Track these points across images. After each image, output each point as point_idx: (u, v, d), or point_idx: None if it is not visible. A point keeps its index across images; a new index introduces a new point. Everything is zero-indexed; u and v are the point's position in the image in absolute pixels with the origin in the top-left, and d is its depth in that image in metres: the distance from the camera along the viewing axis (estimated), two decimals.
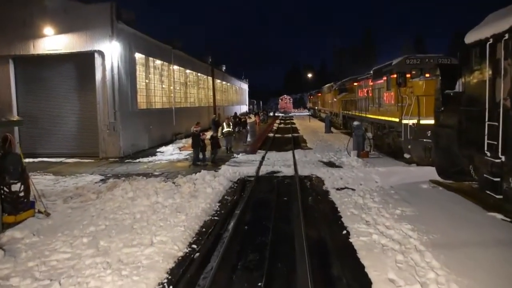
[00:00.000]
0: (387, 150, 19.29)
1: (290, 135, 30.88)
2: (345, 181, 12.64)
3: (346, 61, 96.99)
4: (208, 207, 9.72)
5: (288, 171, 14.62)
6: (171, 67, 28.60)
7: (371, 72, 22.96)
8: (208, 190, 11.21)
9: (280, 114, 78.04)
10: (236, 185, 12.60)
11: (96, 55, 19.48)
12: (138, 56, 22.81)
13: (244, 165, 15.93)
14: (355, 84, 28.46)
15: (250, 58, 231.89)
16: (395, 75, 17.08)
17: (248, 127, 28.93)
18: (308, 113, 75.75)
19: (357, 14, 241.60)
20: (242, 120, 30.87)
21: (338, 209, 9.45)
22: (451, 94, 11.15)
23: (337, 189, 11.60)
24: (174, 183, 11.80)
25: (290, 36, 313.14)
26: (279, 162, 16.62)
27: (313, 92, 70.13)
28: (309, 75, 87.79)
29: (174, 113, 28.41)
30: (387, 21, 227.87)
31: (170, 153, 20.46)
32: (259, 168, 15.11)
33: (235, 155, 18.81)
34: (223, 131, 19.13)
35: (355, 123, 18.07)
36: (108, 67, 19.44)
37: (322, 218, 8.93)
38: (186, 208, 9.49)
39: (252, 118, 42.32)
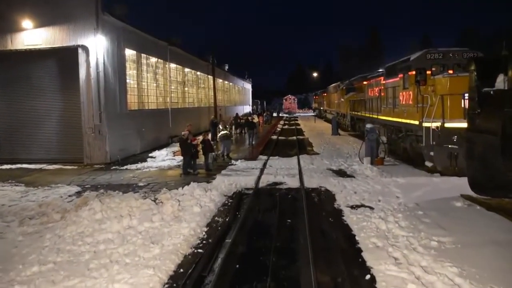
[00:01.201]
0: (403, 156, 17.28)
1: (294, 137, 28.89)
2: (360, 196, 10.64)
3: (352, 61, 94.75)
4: (192, 233, 7.76)
5: (293, 182, 12.63)
6: (167, 65, 26.69)
7: (383, 69, 21.00)
8: (195, 209, 9.25)
9: (285, 115, 76.06)
10: (230, 201, 10.63)
11: (79, 50, 17.59)
12: (129, 52, 20.91)
13: (243, 174, 13.96)
14: (365, 83, 26.47)
15: (254, 58, 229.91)
16: (413, 72, 15.06)
17: (255, 128, 26.28)
18: (313, 114, 73.76)
19: (363, 14, 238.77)
20: (250, 120, 28.56)
21: (356, 237, 7.46)
22: (491, 92, 9.14)
23: (352, 207, 9.62)
24: (155, 200, 9.84)
25: (295, 36, 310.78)
26: (282, 171, 14.64)
27: (318, 92, 68.01)
28: (314, 74, 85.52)
29: (170, 114, 26.49)
30: (393, 21, 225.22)
31: (162, 158, 18.53)
32: (259, 178, 13.14)
33: (233, 161, 16.85)
34: (220, 135, 17.18)
35: (368, 125, 16.05)
36: (92, 64, 17.55)
37: (337, 253, 6.92)
38: (163, 236, 7.54)
39: (255, 119, 40.35)
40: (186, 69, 32.67)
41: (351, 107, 31.05)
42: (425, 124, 13.71)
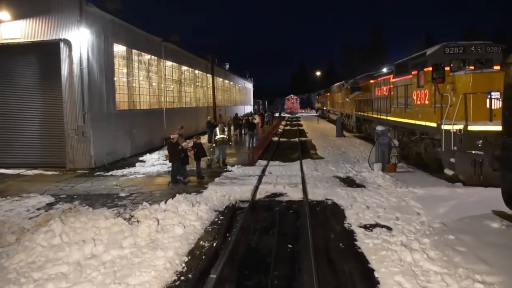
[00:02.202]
0: (416, 161, 15.67)
1: (297, 139, 27.29)
2: (374, 211, 9.04)
3: (355, 60, 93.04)
4: (168, 266, 6.18)
5: (295, 194, 11.03)
6: (161, 62, 25.13)
7: (393, 67, 19.39)
8: (177, 230, 7.68)
9: (287, 115, 74.47)
10: (221, 217, 9.04)
11: (61, 44, 16.04)
12: (119, 48, 19.36)
13: (238, 183, 12.37)
14: (372, 81, 24.86)
15: (256, 58, 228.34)
16: (430, 68, 13.48)
17: (255, 130, 25.00)
18: (315, 114, 72.14)
19: (366, 14, 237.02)
20: (250, 121, 27.13)
21: (376, 274, 5.87)
22: None
23: (366, 227, 8.03)
24: (130, 218, 8.26)
25: (297, 36, 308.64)
26: (283, 179, 13.03)
27: (321, 92, 66.37)
28: (318, 73, 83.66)
29: (165, 115, 24.93)
30: (395, 20, 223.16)
31: (152, 163, 16.96)
32: (256, 188, 11.55)
33: (229, 167, 15.24)
34: (216, 139, 15.59)
35: (379, 128, 14.43)
36: (76, 59, 16.00)
37: None
38: (132, 270, 5.97)
39: (256, 119, 38.83)
40: (184, 67, 31.11)
41: (356, 107, 29.46)
42: (445, 127, 12.11)
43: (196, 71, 35.00)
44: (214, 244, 7.27)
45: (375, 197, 10.35)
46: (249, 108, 70.92)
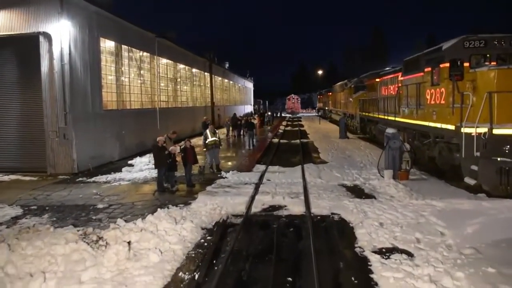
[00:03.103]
0: (428, 166, 14.28)
1: (298, 141, 25.87)
2: (390, 231, 7.65)
3: (356, 60, 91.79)
4: None
5: (296, 206, 9.61)
6: (155, 60, 23.74)
7: (402, 64, 17.99)
8: (152, 256, 6.30)
9: (287, 115, 73.10)
10: (208, 237, 7.65)
11: (41, 38, 14.67)
12: (106, 43, 17.99)
13: (232, 193, 10.97)
14: (377, 80, 23.46)
15: (257, 58, 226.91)
16: (447, 64, 12.08)
17: (254, 129, 24.23)
18: (316, 114, 70.74)
19: (367, 14, 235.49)
20: (249, 121, 25.98)
21: None
22: None
23: (382, 253, 6.64)
24: (97, 240, 6.86)
25: (298, 36, 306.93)
26: (282, 187, 11.62)
27: (322, 91, 64.87)
28: (319, 72, 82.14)
29: (158, 115, 23.56)
30: (397, 20, 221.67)
31: (141, 168, 15.56)
32: (252, 199, 10.15)
33: (223, 173, 13.83)
34: (207, 142, 14.18)
35: (390, 130, 13.02)
36: (56, 55, 14.63)
37: None
38: None
39: (256, 120, 37.51)
40: (180, 65, 29.74)
41: (360, 107, 28.03)
42: (466, 130, 10.71)
43: (194, 70, 33.62)
44: (196, 277, 5.88)
45: (389, 211, 8.96)
46: (249, 108, 69.55)
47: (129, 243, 6.62)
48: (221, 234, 7.77)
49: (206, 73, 36.93)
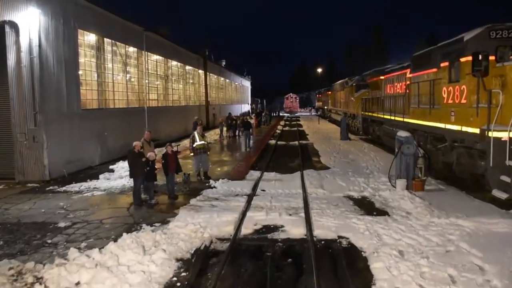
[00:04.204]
0: (442, 174, 12.67)
1: (296, 142, 24.24)
2: (414, 264, 6.01)
3: (357, 58, 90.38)
4: None
5: (295, 227, 7.95)
6: (143, 55, 22.06)
7: (410, 60, 16.38)
8: None
9: (286, 114, 71.49)
10: (183, 274, 5.98)
11: (7, 28, 12.99)
12: (86, 35, 16.31)
13: (219, 207, 9.32)
14: (382, 77, 21.84)
15: (255, 56, 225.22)
16: (469, 58, 10.42)
17: (251, 129, 22.97)
18: (315, 113, 69.14)
19: (367, 13, 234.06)
20: (246, 120, 24.52)
21: None
22: None
23: None
24: (32, 284, 5.20)
25: (297, 35, 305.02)
26: (279, 200, 9.97)
27: (322, 90, 63.22)
28: (319, 70, 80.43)
29: (146, 114, 21.90)
30: (395, 20, 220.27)
31: (121, 174, 13.86)
32: (243, 216, 8.51)
33: (211, 182, 12.18)
34: (194, 146, 12.53)
35: (402, 134, 11.38)
36: (24, 47, 12.95)
37: None
38: None
39: (252, 119, 35.87)
40: (173, 62, 28.08)
41: (363, 107, 26.43)
42: (495, 134, 9.11)
43: (187, 67, 31.95)
44: None
45: (408, 234, 7.34)
46: (246, 107, 67.89)
47: (77, 284, 4.96)
48: (200, 268, 6.12)
49: (200, 71, 35.27)
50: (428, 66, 13.66)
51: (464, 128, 10.67)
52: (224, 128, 27.78)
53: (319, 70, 79.31)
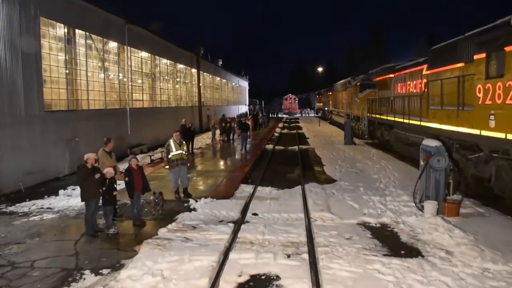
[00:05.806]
0: (474, 190, 10.38)
1: (296, 147, 21.94)
2: None
3: (356, 59, 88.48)
4: None
5: (295, 279, 5.61)
6: (125, 51, 19.76)
7: (428, 55, 14.13)
8: None
9: (284, 115, 69.17)
10: None
11: None
12: (51, 26, 14.01)
13: (194, 243, 6.98)
14: (391, 76, 19.55)
15: (253, 57, 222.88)
16: None
17: (249, 132, 21.42)
18: (314, 115, 66.88)
19: (366, 13, 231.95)
20: (243, 122, 22.70)
21: None
22: None
23: None
24: None
25: (296, 35, 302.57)
26: (274, 232, 7.60)
27: (322, 91, 60.92)
28: (319, 69, 78.13)
29: (129, 116, 19.61)
30: (396, 20, 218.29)
31: None
32: (224, 259, 6.20)
33: (191, 201, 9.85)
34: (170, 157, 10.19)
35: (431, 143, 9.06)
36: None
37: None
38: None
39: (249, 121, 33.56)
40: (163, 59, 25.78)
41: (368, 108, 24.13)
42: None
43: (179, 65, 29.65)
44: None
45: None
46: (244, 108, 65.59)
47: None
48: None
49: (193, 70, 32.95)
50: (453, 60, 11.39)
51: (510, 136, 8.38)
52: (217, 132, 25.47)
53: (320, 69, 76.91)
